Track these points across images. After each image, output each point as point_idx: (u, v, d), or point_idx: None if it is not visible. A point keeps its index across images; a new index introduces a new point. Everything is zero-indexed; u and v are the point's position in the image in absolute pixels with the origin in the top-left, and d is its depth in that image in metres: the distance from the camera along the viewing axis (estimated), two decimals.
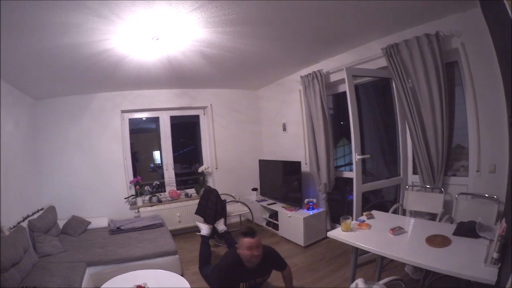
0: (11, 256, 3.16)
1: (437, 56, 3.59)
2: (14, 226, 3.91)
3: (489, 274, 1.95)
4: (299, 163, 5.61)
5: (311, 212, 5.35)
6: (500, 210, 3.12)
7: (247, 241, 3.16)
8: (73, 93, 5.54)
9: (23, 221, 4.25)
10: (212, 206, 4.93)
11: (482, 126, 3.45)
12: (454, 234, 2.68)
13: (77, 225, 5.14)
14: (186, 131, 7.42)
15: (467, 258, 2.25)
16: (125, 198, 6.08)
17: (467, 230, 2.63)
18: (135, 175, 6.34)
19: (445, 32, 3.55)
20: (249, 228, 3.28)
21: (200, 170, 6.69)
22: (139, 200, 6.09)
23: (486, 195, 3.35)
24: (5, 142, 4.06)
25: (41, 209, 4.94)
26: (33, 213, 4.65)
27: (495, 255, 1.98)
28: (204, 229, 4.70)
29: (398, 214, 4.16)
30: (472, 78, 3.46)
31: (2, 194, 3.81)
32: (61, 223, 5.09)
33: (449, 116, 3.75)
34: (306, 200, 5.52)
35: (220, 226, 4.78)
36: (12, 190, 4.14)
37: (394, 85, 4.33)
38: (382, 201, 5.45)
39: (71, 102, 5.64)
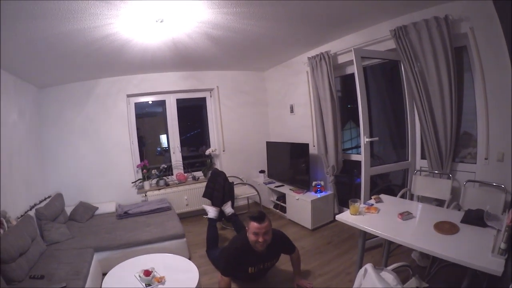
0: (19, 245, 3.17)
1: (446, 40, 3.49)
2: (21, 216, 3.91)
3: (496, 264, 1.92)
4: (307, 145, 5.56)
5: (318, 195, 5.33)
6: (508, 200, 3.08)
7: (253, 225, 3.19)
8: (77, 79, 5.48)
9: (30, 209, 4.26)
10: (219, 188, 4.91)
11: (491, 113, 3.36)
12: (462, 221, 2.65)
13: (85, 211, 5.15)
14: (193, 113, 7.38)
15: (475, 247, 2.22)
16: (132, 183, 6.10)
17: (475, 218, 2.60)
18: (142, 159, 6.34)
19: (454, 16, 3.45)
20: (258, 212, 3.29)
21: (207, 152, 6.68)
22: (146, 184, 6.10)
23: (494, 184, 3.29)
24: (9, 132, 4.05)
25: (48, 197, 4.95)
26: (40, 201, 4.66)
27: (502, 245, 1.95)
28: (211, 211, 4.73)
29: (406, 199, 4.11)
30: (481, 63, 3.35)
31: (8, 183, 3.82)
32: (68, 210, 5.10)
33: (458, 101, 3.67)
34: (313, 183, 5.50)
35: (227, 208, 4.79)
36: (18, 179, 4.15)
37: (402, 68, 4.23)
38: (389, 185, 5.41)
39: (75, 89, 5.58)
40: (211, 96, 6.90)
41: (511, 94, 3.04)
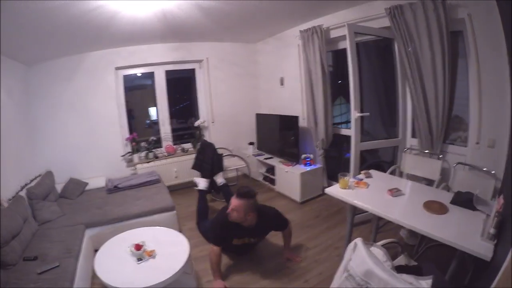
0: (11, 228, 3.14)
1: (442, 23, 3.45)
2: (12, 197, 3.86)
3: (485, 249, 1.94)
4: (296, 117, 5.54)
5: (308, 168, 5.37)
6: (497, 186, 3.10)
7: (231, 200, 3.27)
8: (65, 54, 5.30)
9: (21, 190, 4.20)
10: (208, 160, 4.91)
11: (484, 99, 3.37)
12: (452, 202, 2.67)
13: (75, 188, 5.11)
14: (182, 85, 7.26)
15: (464, 229, 2.25)
16: (121, 156, 6.07)
17: (465, 200, 2.61)
18: (131, 132, 6.26)
19: (452, 0, 3.41)
20: (239, 188, 3.34)
21: (196, 124, 6.65)
22: (136, 157, 6.07)
23: (484, 169, 3.32)
24: None
25: (39, 176, 4.88)
26: (31, 181, 4.60)
27: (492, 230, 1.97)
28: (202, 183, 4.77)
29: (395, 176, 4.15)
30: (477, 50, 3.33)
31: None
32: (59, 187, 5.05)
33: (451, 84, 3.67)
34: (303, 156, 5.53)
35: (219, 179, 4.85)
36: (8, 160, 4.06)
37: (396, 47, 4.21)
38: (378, 161, 5.46)
39: (63, 64, 5.40)
40: (200, 68, 6.78)
41: (504, 82, 3.01)
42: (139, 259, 2.99)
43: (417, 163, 4.07)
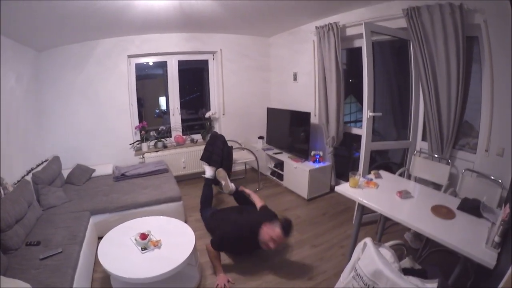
0: (15, 212, 3.13)
1: (459, 27, 3.41)
2: (18, 181, 3.87)
3: (489, 257, 1.93)
4: (308, 114, 5.51)
5: (317, 165, 5.33)
6: (503, 195, 3.07)
7: (277, 233, 3.15)
8: (77, 41, 5.28)
9: (27, 174, 4.22)
10: (218, 152, 4.88)
11: (496, 107, 3.33)
12: (459, 208, 2.64)
13: (82, 174, 5.11)
14: (194, 76, 7.23)
15: (469, 236, 2.23)
16: (130, 144, 6.06)
17: (471, 207, 2.59)
18: (140, 120, 6.26)
19: (469, 6, 3.36)
20: (289, 224, 3.25)
21: (207, 115, 6.64)
22: (144, 146, 6.07)
23: (492, 177, 3.28)
24: (7, 98, 3.94)
25: (46, 161, 4.90)
26: (37, 165, 4.62)
27: (497, 238, 1.95)
28: (208, 171, 4.75)
29: (404, 178, 4.11)
30: (491, 56, 3.29)
31: (6, 149, 3.75)
32: (65, 173, 5.06)
33: (464, 89, 3.63)
34: (312, 152, 5.48)
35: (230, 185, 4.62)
36: (15, 145, 4.08)
37: (411, 48, 4.15)
38: (387, 162, 5.42)
39: (75, 50, 5.38)
40: (213, 59, 6.76)
41: None
42: (144, 249, 3.00)
43: (426, 166, 4.03)
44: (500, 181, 3.15)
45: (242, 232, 3.33)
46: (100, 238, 3.32)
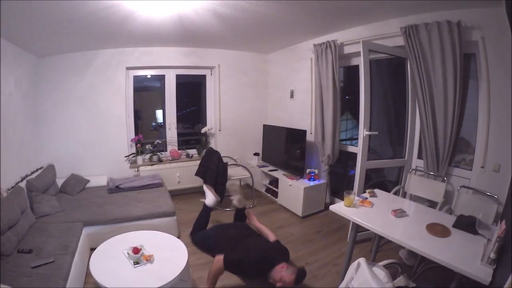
0: (8, 218, 3.12)
1: (456, 45, 3.48)
2: (12, 187, 3.85)
3: (484, 273, 1.95)
4: (304, 131, 5.53)
5: (311, 183, 5.34)
6: (499, 211, 3.10)
7: (290, 279, 3.01)
8: (77, 49, 5.32)
9: (22, 181, 4.19)
10: (213, 167, 4.87)
11: (492, 123, 3.40)
12: (454, 226, 2.66)
13: (76, 184, 5.10)
14: (190, 91, 7.27)
15: (465, 253, 2.25)
16: (125, 156, 6.04)
17: (467, 224, 2.61)
18: (137, 133, 6.25)
19: (467, 23, 3.44)
20: (303, 272, 3.12)
21: (203, 130, 6.64)
22: (140, 159, 6.06)
23: (488, 193, 3.31)
24: (5, 102, 3.93)
25: (40, 168, 4.88)
26: (32, 173, 4.59)
27: (492, 255, 1.96)
28: (210, 199, 4.45)
29: (399, 196, 4.12)
30: (488, 73, 3.36)
31: (1, 155, 3.73)
32: (60, 182, 5.05)
33: (461, 107, 3.68)
34: (308, 170, 5.50)
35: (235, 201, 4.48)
36: (11, 150, 4.06)
37: (409, 66, 4.21)
38: (383, 180, 5.43)
39: (75, 59, 5.41)
40: (211, 74, 6.80)
41: None
42: (136, 263, 2.96)
43: (421, 184, 4.05)
44: (496, 196, 3.18)
45: (263, 263, 3.19)
46: (92, 249, 3.28)
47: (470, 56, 3.70)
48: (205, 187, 4.69)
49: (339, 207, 3.19)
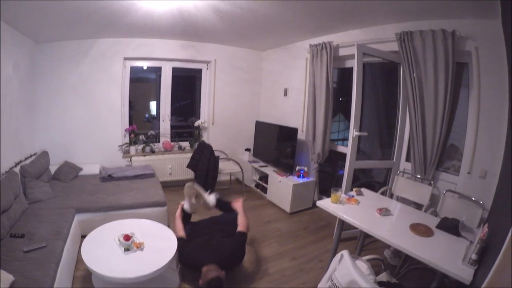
0: (1, 203, 3.14)
1: (449, 54, 3.58)
2: (6, 172, 3.86)
3: (466, 273, 2.02)
4: (295, 129, 5.60)
5: (301, 180, 5.42)
6: (484, 216, 3.19)
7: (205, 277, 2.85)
8: (76, 37, 5.31)
9: (15, 166, 4.21)
10: (205, 161, 4.91)
11: (480, 131, 3.50)
12: (437, 227, 2.75)
13: (69, 171, 5.13)
14: (187, 84, 7.30)
15: (447, 253, 2.32)
16: (119, 146, 6.07)
17: (450, 226, 2.69)
18: (131, 123, 6.28)
19: (461, 33, 3.53)
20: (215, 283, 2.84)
21: (196, 124, 6.69)
22: (132, 149, 6.11)
23: (473, 198, 3.40)
24: (3, 86, 3.93)
25: (34, 154, 4.89)
26: (26, 158, 4.60)
27: (474, 256, 2.05)
28: (211, 199, 4.05)
29: (385, 196, 4.21)
30: (479, 82, 3.46)
31: None
32: (53, 169, 5.08)
33: (451, 113, 3.78)
34: (297, 168, 5.57)
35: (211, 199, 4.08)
36: (6, 135, 4.06)
37: (401, 71, 4.31)
38: (371, 181, 5.53)
39: (73, 47, 5.42)
40: (207, 69, 6.85)
41: (503, 116, 3.14)
42: (127, 250, 3.02)
43: (408, 186, 4.14)
44: (481, 202, 3.27)
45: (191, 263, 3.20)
46: (83, 236, 3.32)
47: (462, 65, 3.80)
48: (199, 190, 4.00)
49: (326, 203, 3.28)
